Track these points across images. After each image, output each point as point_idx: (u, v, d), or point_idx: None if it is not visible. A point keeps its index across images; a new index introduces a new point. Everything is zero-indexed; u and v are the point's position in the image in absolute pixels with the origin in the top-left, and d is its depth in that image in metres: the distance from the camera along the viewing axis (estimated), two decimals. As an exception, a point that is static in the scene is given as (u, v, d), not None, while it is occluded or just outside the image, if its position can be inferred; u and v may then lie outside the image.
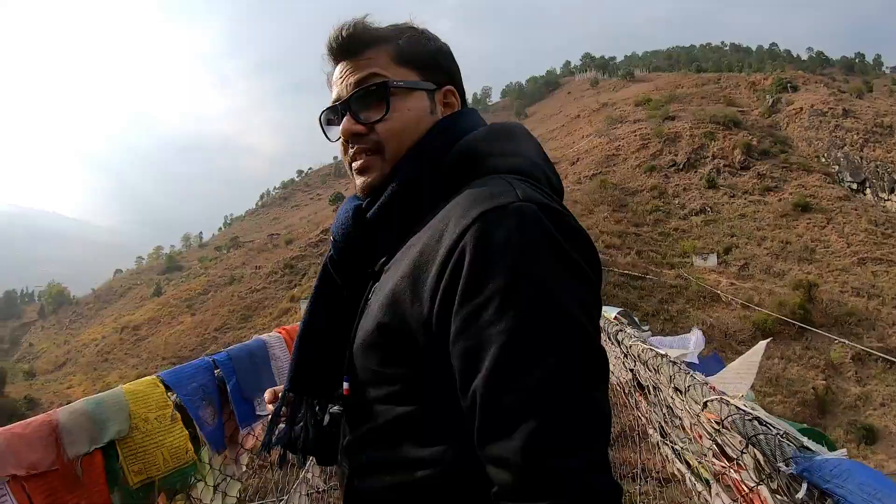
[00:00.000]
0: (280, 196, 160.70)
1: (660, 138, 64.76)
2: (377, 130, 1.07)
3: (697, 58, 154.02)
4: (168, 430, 2.02)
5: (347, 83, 1.09)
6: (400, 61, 1.09)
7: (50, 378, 71.07)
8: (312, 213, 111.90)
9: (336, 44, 1.10)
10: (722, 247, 44.93)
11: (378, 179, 1.08)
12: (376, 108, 1.07)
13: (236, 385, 2.49)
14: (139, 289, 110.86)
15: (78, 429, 1.76)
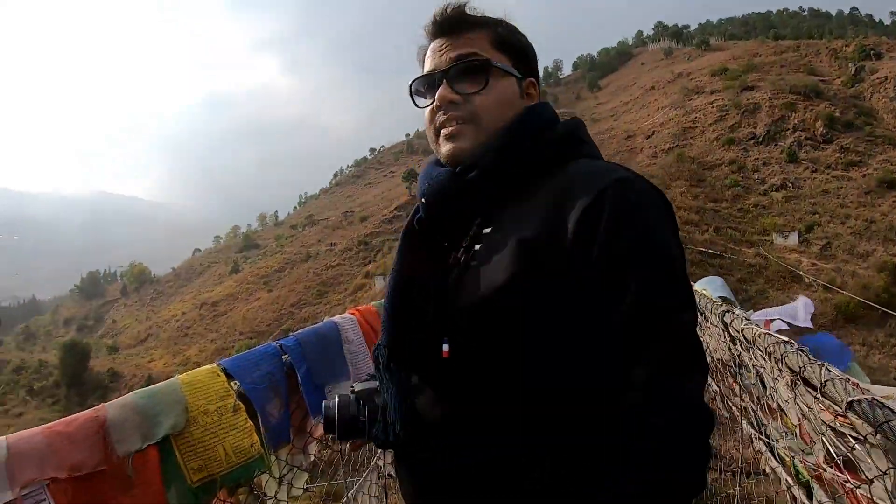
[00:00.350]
0: (353, 174, 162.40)
1: (738, 110, 62.61)
2: (474, 102, 1.18)
3: (775, 24, 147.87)
4: (230, 422, 1.88)
5: (448, 56, 1.21)
6: (497, 46, 1.23)
7: (132, 352, 74.57)
8: (386, 190, 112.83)
9: (441, 19, 1.23)
10: (803, 225, 43.19)
11: (469, 147, 1.17)
12: (475, 81, 1.19)
13: (307, 373, 2.37)
14: (217, 267, 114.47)
15: (128, 424, 1.65)
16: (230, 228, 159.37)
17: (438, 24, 1.23)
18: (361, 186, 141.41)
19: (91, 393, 54.73)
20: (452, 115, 1.19)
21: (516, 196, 1.13)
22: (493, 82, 1.19)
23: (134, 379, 55.56)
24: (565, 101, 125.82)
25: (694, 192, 49.86)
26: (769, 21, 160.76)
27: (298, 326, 45.60)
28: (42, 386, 57.87)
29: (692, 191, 50.19)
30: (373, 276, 60.16)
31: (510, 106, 1.21)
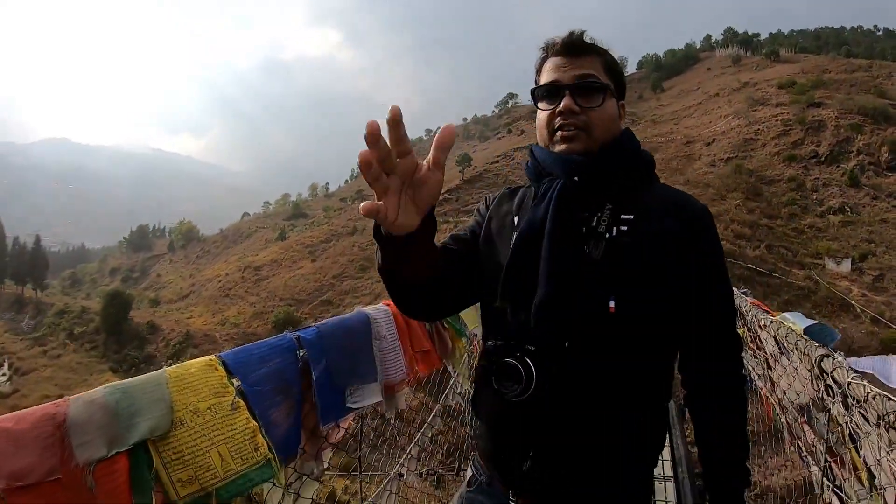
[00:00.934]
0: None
1: (802, 126, 61.20)
2: (589, 115, 1.46)
3: (847, 41, 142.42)
4: (228, 423, 1.58)
5: (571, 74, 1.48)
6: (607, 71, 1.52)
7: (172, 307, 76.12)
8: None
9: (567, 42, 1.50)
10: (858, 252, 42.07)
11: (581, 149, 1.45)
12: (592, 98, 1.47)
13: (325, 371, 2.03)
14: (264, 232, 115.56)
15: (93, 426, 1.33)
16: (280, 196, 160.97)
17: (565, 45, 1.51)
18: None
19: (129, 342, 56.08)
20: (571, 122, 1.46)
21: (630, 196, 1.46)
22: (605, 102, 1.49)
23: (172, 333, 56.82)
24: (627, 100, 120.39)
25: (749, 206, 49.05)
26: (842, 37, 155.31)
27: (338, 299, 45.83)
28: (83, 331, 59.06)
29: (747, 204, 49.38)
30: (416, 257, 60.35)
31: (613, 123, 1.51)
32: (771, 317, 3.60)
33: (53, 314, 64.88)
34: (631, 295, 1.35)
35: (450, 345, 3.21)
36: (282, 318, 56.64)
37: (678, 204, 1.45)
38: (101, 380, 47.62)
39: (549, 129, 1.50)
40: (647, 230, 1.39)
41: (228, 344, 54.17)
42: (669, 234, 1.39)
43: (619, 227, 1.40)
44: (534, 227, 1.42)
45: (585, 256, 1.37)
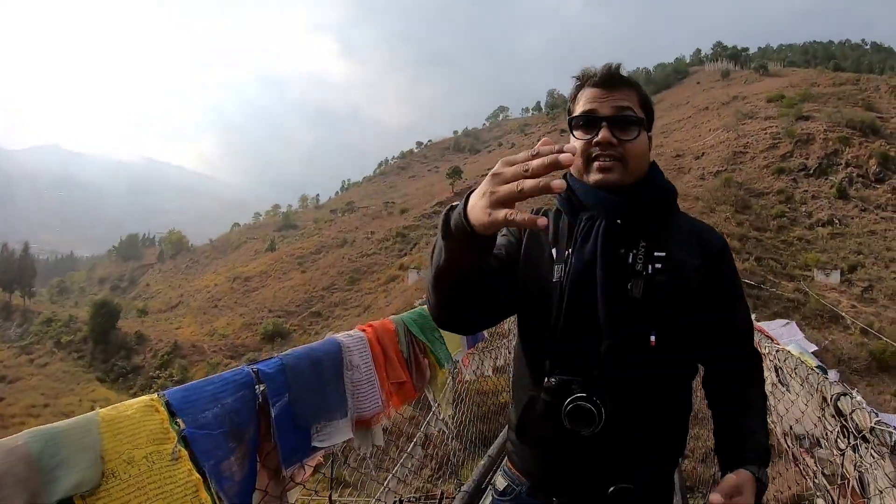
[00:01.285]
0: (398, 165, 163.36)
1: (791, 139, 61.28)
2: (626, 147, 1.52)
3: (835, 55, 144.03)
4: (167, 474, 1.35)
5: (609, 105, 1.54)
6: (642, 105, 1.60)
7: (161, 317, 75.78)
8: (429, 184, 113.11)
9: (605, 73, 1.57)
10: (847, 264, 42.07)
11: (616, 180, 1.51)
12: (629, 131, 1.53)
13: (286, 408, 1.83)
14: (254, 243, 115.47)
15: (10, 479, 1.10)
16: (271, 207, 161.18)
17: (602, 77, 1.57)
18: (405, 178, 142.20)
19: (116, 352, 55.97)
20: (609, 154, 1.52)
21: (661, 230, 1.57)
22: (640, 135, 1.56)
23: (160, 343, 56.60)
24: None
25: (738, 219, 49.16)
26: (830, 51, 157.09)
27: (327, 311, 45.55)
28: (70, 340, 58.90)
29: (737, 217, 49.48)
30: (407, 269, 60.35)
31: (646, 156, 1.60)
32: (776, 346, 3.38)
33: (41, 322, 64.65)
34: (668, 329, 1.47)
35: (428, 374, 2.98)
36: (270, 330, 56.54)
37: (701, 237, 1.61)
38: (87, 389, 47.50)
39: (585, 157, 1.56)
40: (678, 266, 1.52)
41: (217, 355, 54.02)
42: (696, 268, 1.54)
43: (654, 264, 1.51)
44: (586, 268, 1.49)
45: (628, 294, 1.47)
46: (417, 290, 53.34)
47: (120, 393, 48.16)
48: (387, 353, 2.53)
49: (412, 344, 2.88)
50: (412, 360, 2.82)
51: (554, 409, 1.44)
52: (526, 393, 1.59)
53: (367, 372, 2.29)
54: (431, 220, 75.38)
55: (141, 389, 49.52)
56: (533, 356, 1.60)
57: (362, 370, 2.26)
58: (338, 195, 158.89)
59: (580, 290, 1.48)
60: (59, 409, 43.39)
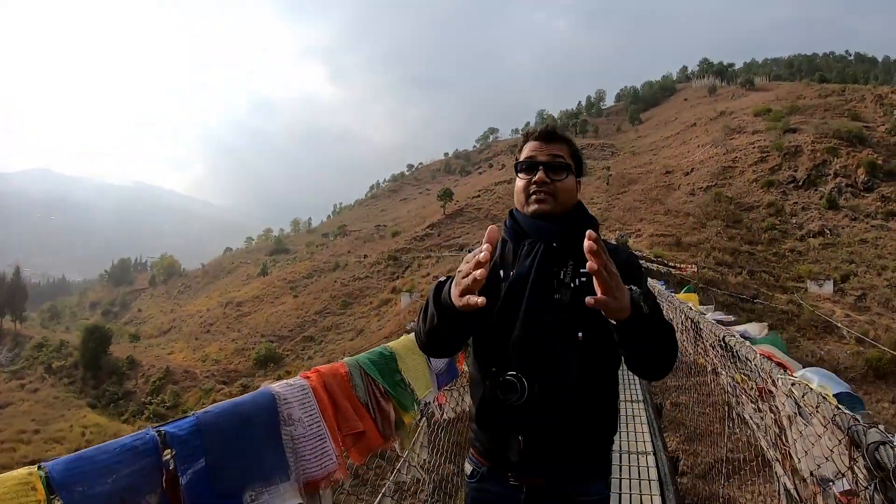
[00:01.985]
0: (389, 188, 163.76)
1: (779, 152, 61.77)
2: (556, 185, 1.95)
3: (820, 67, 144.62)
4: None
5: (545, 154, 1.98)
6: (571, 156, 2.01)
7: (153, 342, 75.02)
8: (420, 207, 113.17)
9: (543, 130, 2.03)
10: (839, 273, 42.00)
11: (550, 210, 1.94)
12: (559, 174, 1.96)
13: (203, 474, 1.55)
14: (246, 267, 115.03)
15: None
16: (263, 231, 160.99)
17: (541, 132, 2.04)
18: (396, 201, 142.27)
19: (108, 378, 55.34)
20: (543, 190, 1.95)
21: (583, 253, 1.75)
22: (568, 177, 1.99)
23: (152, 369, 56.12)
24: (606, 132, 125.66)
25: (730, 233, 49.28)
26: (814, 64, 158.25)
27: (320, 335, 45.13)
28: (61, 365, 58.14)
29: (728, 231, 49.61)
30: (399, 292, 60.18)
31: (573, 193, 2.01)
32: (790, 375, 2.95)
33: (32, 347, 64.05)
34: (591, 326, 1.80)
35: (393, 416, 2.61)
36: (263, 355, 56.16)
37: (616, 255, 1.84)
38: (78, 415, 46.94)
39: (526, 194, 2.01)
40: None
41: (209, 381, 53.60)
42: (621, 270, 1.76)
43: (580, 278, 1.85)
44: (521, 279, 1.88)
45: (558, 301, 1.83)
46: (410, 314, 53.10)
47: (111, 419, 47.63)
48: (337, 401, 2.27)
49: (371, 388, 2.57)
50: (373, 406, 2.52)
51: (494, 388, 1.81)
52: (479, 388, 1.96)
53: (312, 426, 2.04)
54: (423, 242, 75.38)
55: (132, 415, 49.20)
56: (484, 358, 1.96)
57: (306, 424, 2.01)
58: (329, 219, 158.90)
59: (516, 297, 1.86)
60: (49, 434, 42.92)
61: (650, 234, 50.06)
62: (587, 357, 1.84)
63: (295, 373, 10.56)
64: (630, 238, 48.98)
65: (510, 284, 1.88)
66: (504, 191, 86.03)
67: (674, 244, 47.64)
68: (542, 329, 1.82)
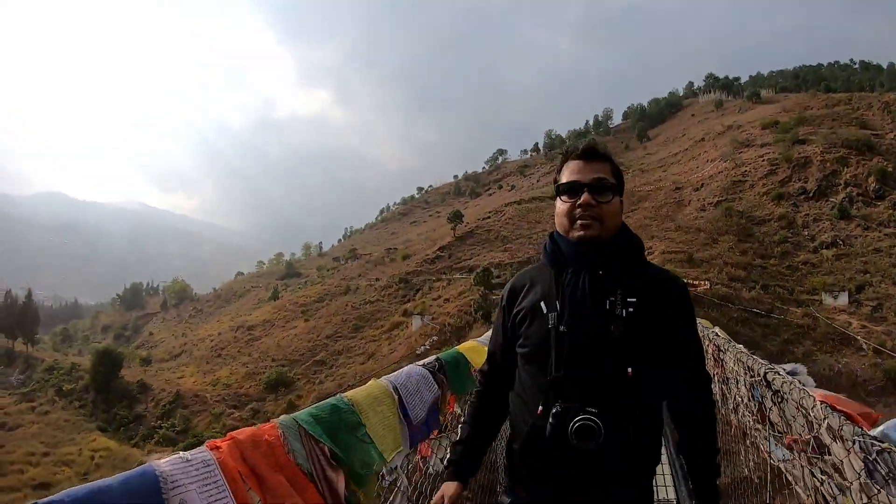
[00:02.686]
0: (399, 211, 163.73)
1: (789, 163, 61.50)
2: (602, 208, 1.88)
3: (826, 77, 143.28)
4: None
5: (589, 175, 1.91)
6: (614, 175, 1.95)
7: (164, 366, 75.00)
8: (431, 229, 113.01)
9: (585, 149, 1.96)
10: (854, 284, 41.48)
11: (596, 235, 1.87)
12: (605, 195, 1.89)
13: None
14: (258, 291, 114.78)
15: None
16: (274, 255, 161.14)
17: (583, 151, 1.97)
18: (406, 224, 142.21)
19: (118, 401, 55.16)
20: (588, 213, 1.88)
21: (632, 280, 1.87)
22: (614, 199, 1.92)
23: (162, 393, 55.99)
24: (614, 151, 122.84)
25: (742, 248, 48.99)
26: (820, 74, 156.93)
27: (332, 359, 45.15)
28: (72, 388, 57.88)
29: (740, 246, 49.32)
30: (410, 315, 60.09)
31: (618, 216, 1.94)
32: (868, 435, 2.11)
33: (43, 370, 63.84)
34: (641, 362, 1.79)
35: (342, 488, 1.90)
36: (274, 379, 55.99)
37: (665, 284, 1.92)
38: (88, 438, 46.78)
39: (569, 218, 1.92)
40: (647, 309, 1.82)
41: (219, 405, 53.45)
42: (660, 310, 1.85)
43: (628, 308, 1.81)
44: (579, 314, 1.82)
45: (611, 335, 1.78)
46: (421, 336, 52.85)
47: (121, 443, 47.39)
48: (262, 475, 1.64)
49: (314, 452, 1.90)
50: (318, 476, 1.87)
51: (560, 430, 1.73)
52: (527, 423, 1.88)
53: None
54: (434, 265, 75.35)
55: (142, 439, 49.02)
56: (534, 392, 1.88)
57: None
58: (340, 242, 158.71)
59: (576, 333, 1.80)
60: (58, 458, 42.71)
61: (662, 252, 49.72)
62: (636, 393, 1.81)
63: (306, 397, 10.03)
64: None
65: (559, 319, 1.84)
66: (514, 212, 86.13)
67: (686, 260, 47.34)
68: (592, 367, 1.78)
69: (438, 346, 47.77)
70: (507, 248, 72.64)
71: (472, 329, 51.27)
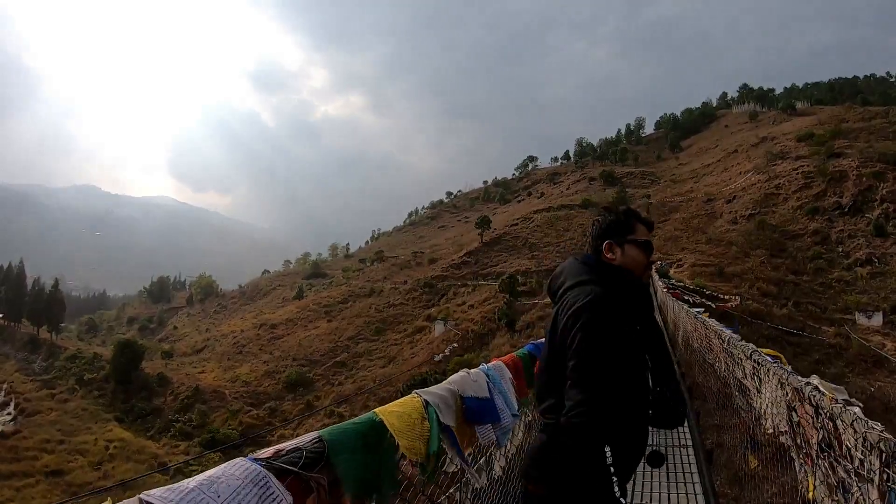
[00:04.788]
0: (428, 215, 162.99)
1: (824, 177, 60.03)
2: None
3: (862, 90, 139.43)
4: None
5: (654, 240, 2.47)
6: None
7: (185, 361, 75.29)
8: (458, 234, 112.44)
9: (650, 224, 2.60)
10: (889, 304, 40.02)
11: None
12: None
13: None
14: (283, 290, 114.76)
15: None
16: (301, 255, 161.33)
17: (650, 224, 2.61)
18: (434, 228, 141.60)
19: (137, 393, 55.72)
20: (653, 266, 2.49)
21: None
22: None
23: (181, 387, 56.34)
24: (646, 160, 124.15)
25: (774, 263, 47.92)
26: (856, 86, 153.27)
27: (352, 361, 45.29)
28: (92, 378, 58.42)
29: (772, 261, 48.26)
30: (434, 320, 59.92)
31: None
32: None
33: (65, 358, 64.68)
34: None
35: None
36: (294, 379, 55.98)
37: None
38: (104, 429, 47.12)
39: (645, 265, 2.51)
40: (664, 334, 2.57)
41: (237, 402, 53.63)
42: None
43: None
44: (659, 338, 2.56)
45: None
46: (443, 343, 52.51)
47: (137, 434, 47.72)
48: None
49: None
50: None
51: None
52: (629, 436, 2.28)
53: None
54: (460, 270, 75.23)
55: (158, 432, 49.31)
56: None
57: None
58: (367, 244, 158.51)
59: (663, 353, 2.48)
60: (73, 446, 43.14)
61: (691, 264, 48.86)
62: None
63: (325, 398, 9.91)
64: (671, 268, 47.85)
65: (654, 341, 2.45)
66: (542, 219, 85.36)
67: (716, 274, 46.38)
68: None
69: (460, 353, 47.47)
70: (535, 256, 72.10)
71: (496, 336, 50.87)
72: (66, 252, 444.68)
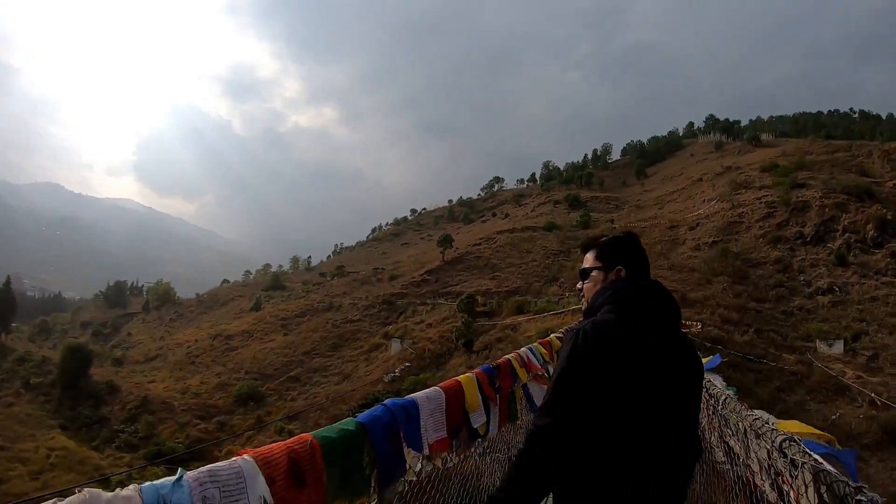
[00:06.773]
0: (391, 232, 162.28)
1: (787, 207, 60.46)
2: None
3: (825, 124, 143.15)
4: None
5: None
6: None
7: (136, 369, 73.07)
8: (421, 252, 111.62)
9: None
10: (850, 333, 40.11)
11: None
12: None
13: None
14: (240, 301, 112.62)
15: None
16: (262, 266, 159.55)
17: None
18: (397, 245, 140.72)
19: (84, 400, 53.64)
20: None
21: None
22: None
23: (130, 396, 54.54)
24: (611, 186, 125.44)
25: (736, 290, 47.89)
26: (820, 121, 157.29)
27: (306, 377, 44.08)
28: (39, 382, 56.53)
29: (734, 288, 48.24)
30: (391, 338, 59.15)
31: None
32: None
33: (13, 360, 62.25)
34: None
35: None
36: (245, 393, 54.48)
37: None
38: (47, 436, 45.09)
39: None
40: None
41: (186, 414, 51.90)
42: None
43: None
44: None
45: None
46: (398, 361, 51.65)
47: (81, 444, 45.84)
48: None
49: None
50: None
51: None
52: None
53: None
54: (419, 288, 74.44)
55: (103, 442, 47.48)
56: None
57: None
58: (329, 258, 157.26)
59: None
60: (14, 454, 41.33)
61: (654, 290, 48.55)
62: None
63: (276, 414, 8.52)
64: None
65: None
66: (506, 240, 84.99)
67: (679, 300, 45.55)
68: None
69: (416, 372, 46.58)
70: (496, 276, 71.47)
71: (453, 356, 50.01)
72: (27, 252, 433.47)
